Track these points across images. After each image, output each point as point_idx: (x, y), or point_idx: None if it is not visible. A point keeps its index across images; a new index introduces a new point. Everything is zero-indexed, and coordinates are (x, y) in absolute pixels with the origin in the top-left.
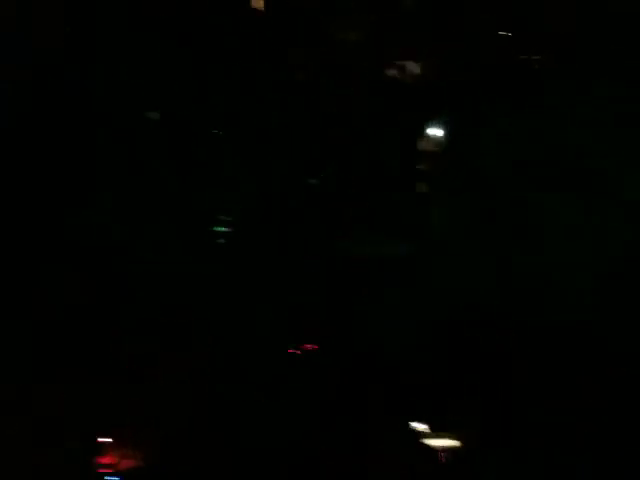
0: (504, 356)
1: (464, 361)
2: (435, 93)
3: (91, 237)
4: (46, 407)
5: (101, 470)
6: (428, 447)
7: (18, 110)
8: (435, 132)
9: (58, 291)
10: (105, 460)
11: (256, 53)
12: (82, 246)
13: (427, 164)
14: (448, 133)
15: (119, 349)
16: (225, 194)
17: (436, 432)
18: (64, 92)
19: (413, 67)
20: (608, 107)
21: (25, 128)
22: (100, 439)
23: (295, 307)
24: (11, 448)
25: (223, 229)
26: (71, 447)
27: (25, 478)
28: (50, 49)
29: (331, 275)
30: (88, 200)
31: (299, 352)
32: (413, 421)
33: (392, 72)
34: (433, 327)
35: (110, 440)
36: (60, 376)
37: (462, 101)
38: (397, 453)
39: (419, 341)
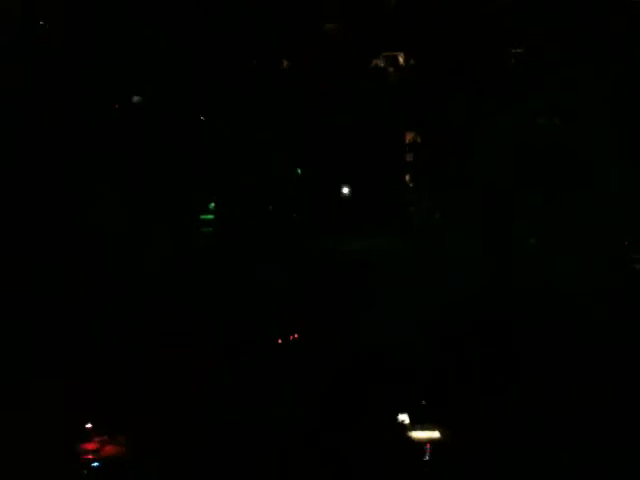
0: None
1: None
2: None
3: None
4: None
5: (85, 457)
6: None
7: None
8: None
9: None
10: (89, 447)
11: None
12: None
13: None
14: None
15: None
16: (219, 190)
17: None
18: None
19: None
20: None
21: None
22: (84, 425)
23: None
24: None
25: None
26: (56, 433)
27: (12, 464)
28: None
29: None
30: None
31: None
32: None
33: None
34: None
35: (92, 426)
36: (53, 369)
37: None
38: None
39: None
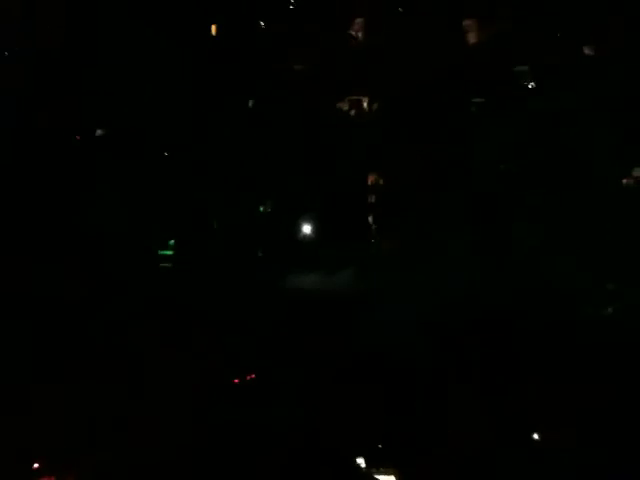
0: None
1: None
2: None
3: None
4: None
5: None
6: None
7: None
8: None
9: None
10: None
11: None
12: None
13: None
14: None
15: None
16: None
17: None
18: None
19: None
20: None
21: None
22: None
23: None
24: None
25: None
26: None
27: None
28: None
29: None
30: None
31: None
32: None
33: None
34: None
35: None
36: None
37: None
38: None
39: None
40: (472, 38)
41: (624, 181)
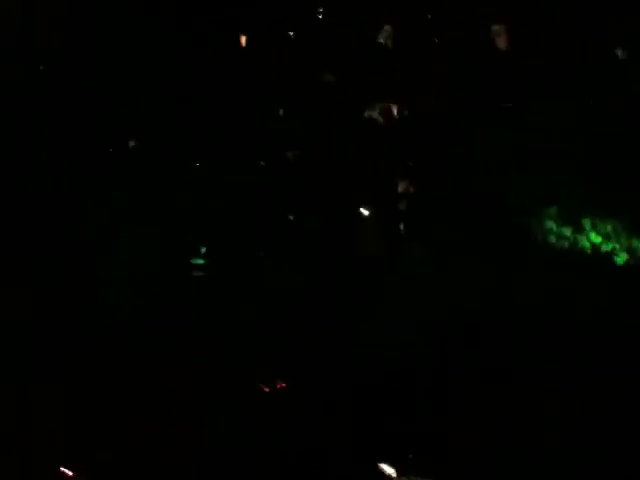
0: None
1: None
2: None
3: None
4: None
5: None
6: None
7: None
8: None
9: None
10: None
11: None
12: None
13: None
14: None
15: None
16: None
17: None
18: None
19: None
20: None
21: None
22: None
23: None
24: None
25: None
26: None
27: None
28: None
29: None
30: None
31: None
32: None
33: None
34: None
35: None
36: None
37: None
38: None
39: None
40: (501, 43)
41: None
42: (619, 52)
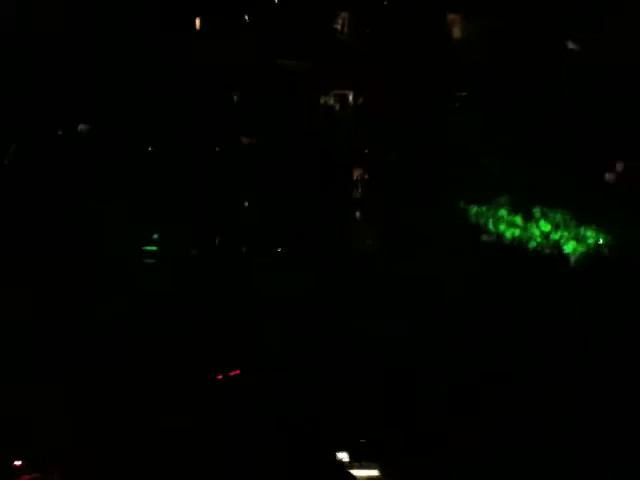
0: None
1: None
2: None
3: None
4: None
5: None
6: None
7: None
8: None
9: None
10: None
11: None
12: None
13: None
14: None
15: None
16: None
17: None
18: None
19: None
20: None
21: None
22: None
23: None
24: None
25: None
26: None
27: None
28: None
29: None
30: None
31: None
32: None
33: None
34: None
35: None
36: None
37: None
38: None
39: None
40: (457, 32)
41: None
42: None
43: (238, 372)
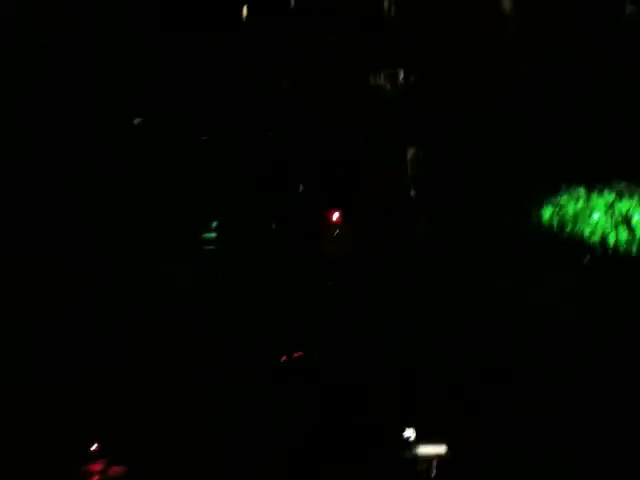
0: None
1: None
2: None
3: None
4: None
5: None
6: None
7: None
8: None
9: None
10: (94, 467)
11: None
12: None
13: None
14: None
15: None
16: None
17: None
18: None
19: None
20: None
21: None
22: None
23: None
24: None
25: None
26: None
27: None
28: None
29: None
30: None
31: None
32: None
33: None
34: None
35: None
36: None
37: None
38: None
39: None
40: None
41: None
42: None
43: (302, 354)
